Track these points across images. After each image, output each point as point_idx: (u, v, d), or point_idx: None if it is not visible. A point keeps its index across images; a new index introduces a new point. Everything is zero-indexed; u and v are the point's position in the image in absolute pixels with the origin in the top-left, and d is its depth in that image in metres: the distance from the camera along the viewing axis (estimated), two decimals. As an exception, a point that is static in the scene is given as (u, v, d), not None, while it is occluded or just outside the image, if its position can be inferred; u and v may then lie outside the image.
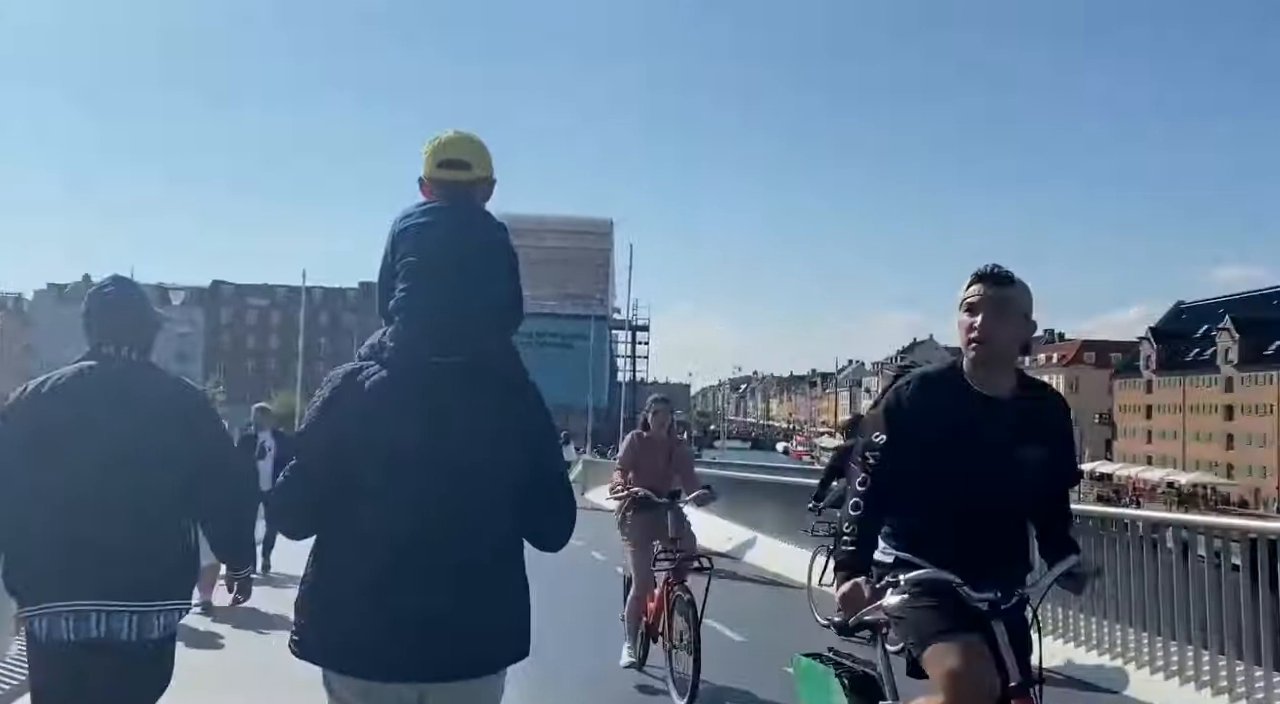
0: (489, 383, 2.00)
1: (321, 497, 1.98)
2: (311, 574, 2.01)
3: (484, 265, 2.06)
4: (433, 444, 1.93)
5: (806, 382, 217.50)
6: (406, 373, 1.96)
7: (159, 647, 2.68)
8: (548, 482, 2.08)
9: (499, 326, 2.08)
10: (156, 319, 2.91)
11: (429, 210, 2.09)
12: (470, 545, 1.95)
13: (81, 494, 2.59)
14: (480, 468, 1.96)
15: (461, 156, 2.15)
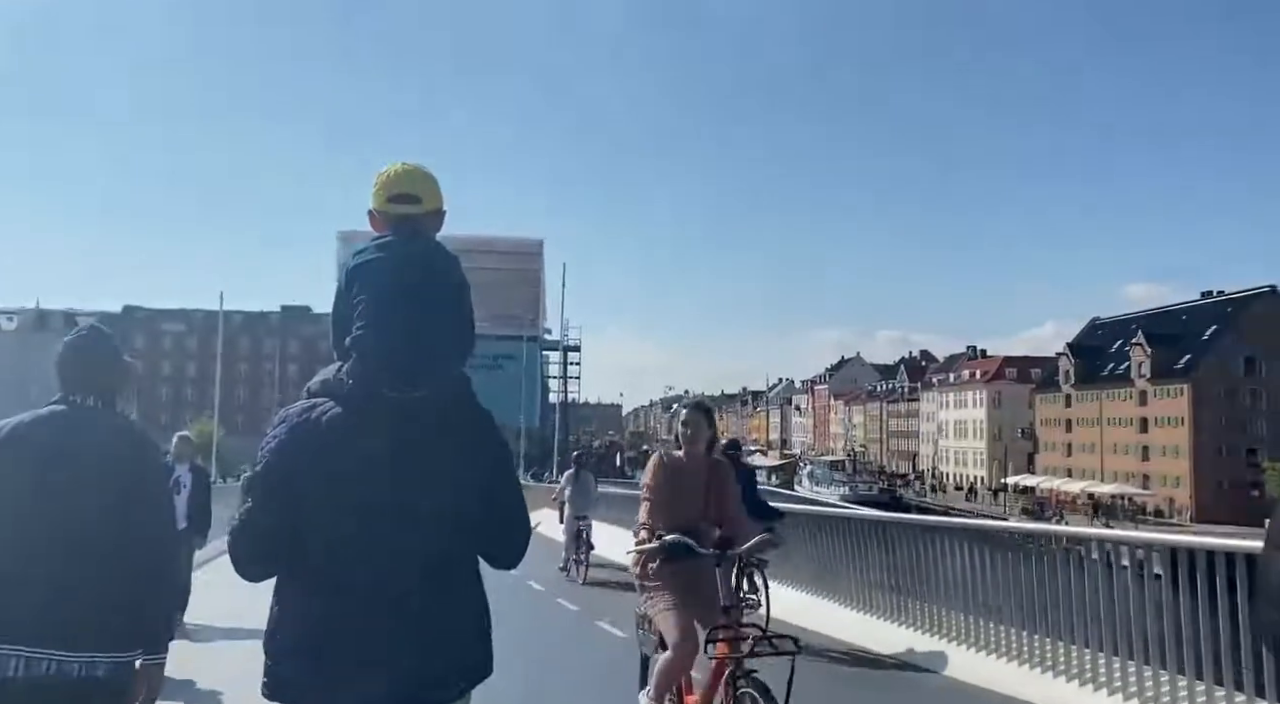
0: (447, 416, 2.02)
1: (278, 536, 1.97)
2: (276, 615, 2.01)
3: (438, 299, 2.08)
4: (392, 479, 1.94)
5: (738, 400, 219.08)
6: (363, 409, 1.96)
7: (111, 676, 2.59)
8: (504, 509, 2.11)
9: (455, 359, 2.10)
10: (125, 368, 2.96)
11: (382, 247, 2.10)
12: (428, 579, 1.97)
13: (29, 541, 2.56)
14: (440, 501, 1.98)
15: (411, 191, 2.17)
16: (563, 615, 10.44)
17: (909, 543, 8.35)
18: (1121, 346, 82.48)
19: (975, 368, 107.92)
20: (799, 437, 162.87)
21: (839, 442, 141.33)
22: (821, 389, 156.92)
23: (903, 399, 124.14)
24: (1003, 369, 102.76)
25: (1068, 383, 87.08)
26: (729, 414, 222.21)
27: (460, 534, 2.02)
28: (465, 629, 2.04)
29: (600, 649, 8.28)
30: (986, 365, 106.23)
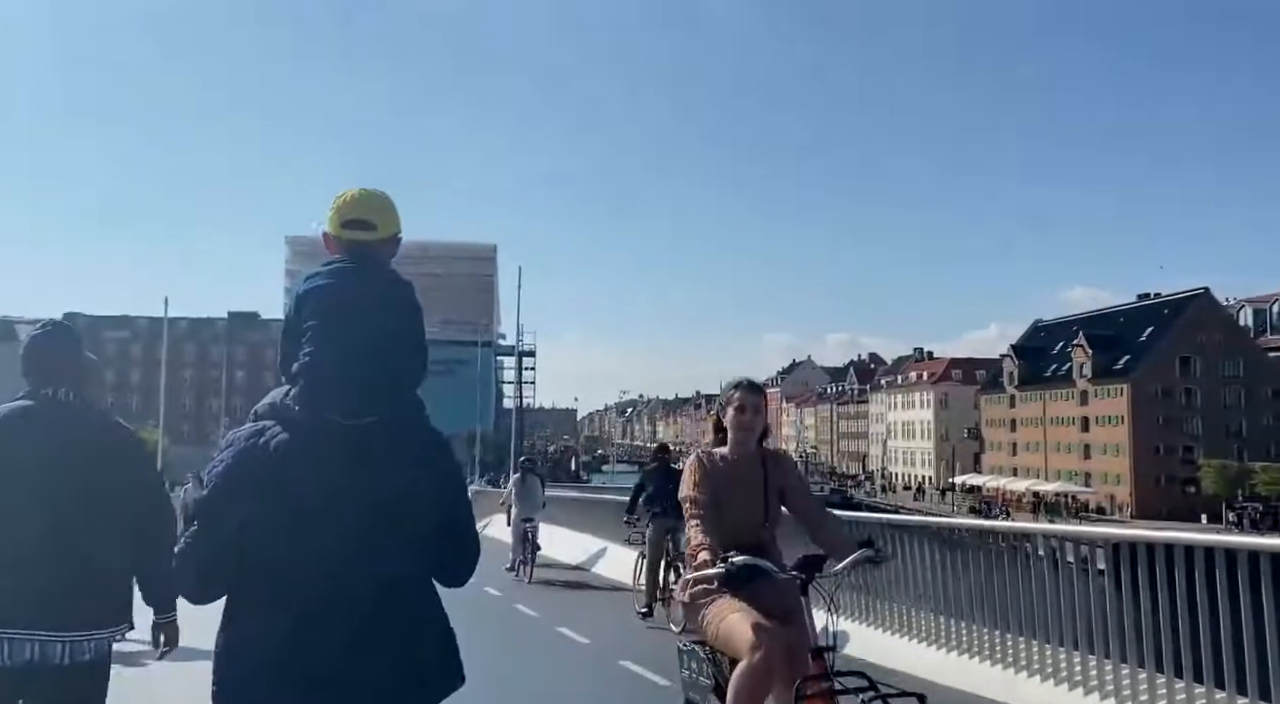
0: (398, 442, 2.02)
1: (226, 560, 1.97)
2: (224, 635, 2.01)
3: (389, 327, 2.07)
4: (342, 504, 1.95)
5: (691, 404, 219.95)
6: (311, 435, 1.97)
7: (92, 666, 2.84)
8: (456, 531, 2.13)
9: (406, 386, 2.10)
10: (89, 363, 3.07)
11: (334, 272, 2.09)
12: (382, 601, 1.97)
13: (15, 528, 2.71)
14: (387, 526, 1.98)
15: (366, 217, 2.16)
16: (520, 619, 10.53)
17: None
18: (1063, 348, 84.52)
19: (922, 370, 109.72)
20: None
21: (791, 444, 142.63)
22: (773, 392, 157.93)
23: (852, 401, 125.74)
24: (949, 371, 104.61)
25: (1012, 384, 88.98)
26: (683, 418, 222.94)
27: (414, 556, 2.03)
28: (424, 646, 2.04)
29: (558, 652, 8.39)
30: (933, 367, 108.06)
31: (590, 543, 15.63)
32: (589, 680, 7.20)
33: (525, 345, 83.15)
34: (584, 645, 8.50)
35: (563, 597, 12.02)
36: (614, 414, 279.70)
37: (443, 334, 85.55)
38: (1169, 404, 74.41)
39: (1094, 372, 78.35)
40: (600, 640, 8.46)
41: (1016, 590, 6.40)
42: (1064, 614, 5.88)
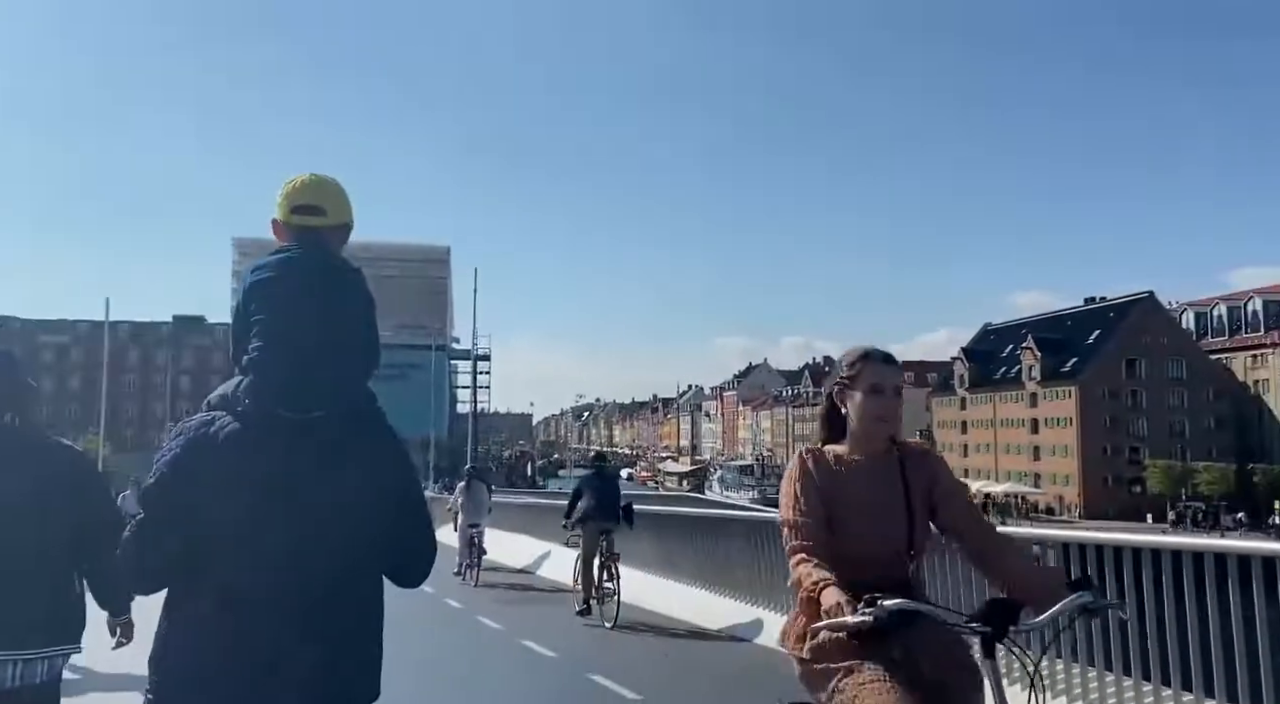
0: (349, 435, 1.98)
1: (172, 551, 1.94)
2: (165, 629, 1.96)
3: (339, 318, 2.02)
4: (291, 497, 1.92)
5: (648, 407, 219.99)
6: (261, 428, 1.93)
7: (43, 690, 2.89)
8: (410, 528, 2.09)
9: (358, 379, 2.05)
10: (29, 386, 3.16)
11: (283, 262, 2.04)
12: (328, 596, 1.93)
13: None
14: (337, 520, 1.94)
15: (316, 202, 2.11)
16: (448, 610, 10.98)
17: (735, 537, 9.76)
18: (1013, 351, 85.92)
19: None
20: (709, 442, 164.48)
21: (747, 447, 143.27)
22: (730, 395, 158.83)
23: (808, 404, 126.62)
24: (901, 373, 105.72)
25: (962, 386, 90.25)
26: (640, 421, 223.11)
27: (363, 552, 1.98)
28: (366, 647, 2.01)
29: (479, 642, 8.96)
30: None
31: (536, 547, 16.13)
32: (500, 664, 8.05)
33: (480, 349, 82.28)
34: (497, 631, 9.64)
35: (507, 596, 12.72)
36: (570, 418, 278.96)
37: (395, 338, 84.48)
38: (1115, 406, 75.96)
39: (1043, 374, 79.74)
40: (559, 648, 8.64)
41: (970, 593, 6.35)
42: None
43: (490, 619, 10.45)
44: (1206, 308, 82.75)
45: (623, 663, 7.78)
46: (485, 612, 10.96)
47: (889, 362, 2.82)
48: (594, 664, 7.62)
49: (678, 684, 7.43)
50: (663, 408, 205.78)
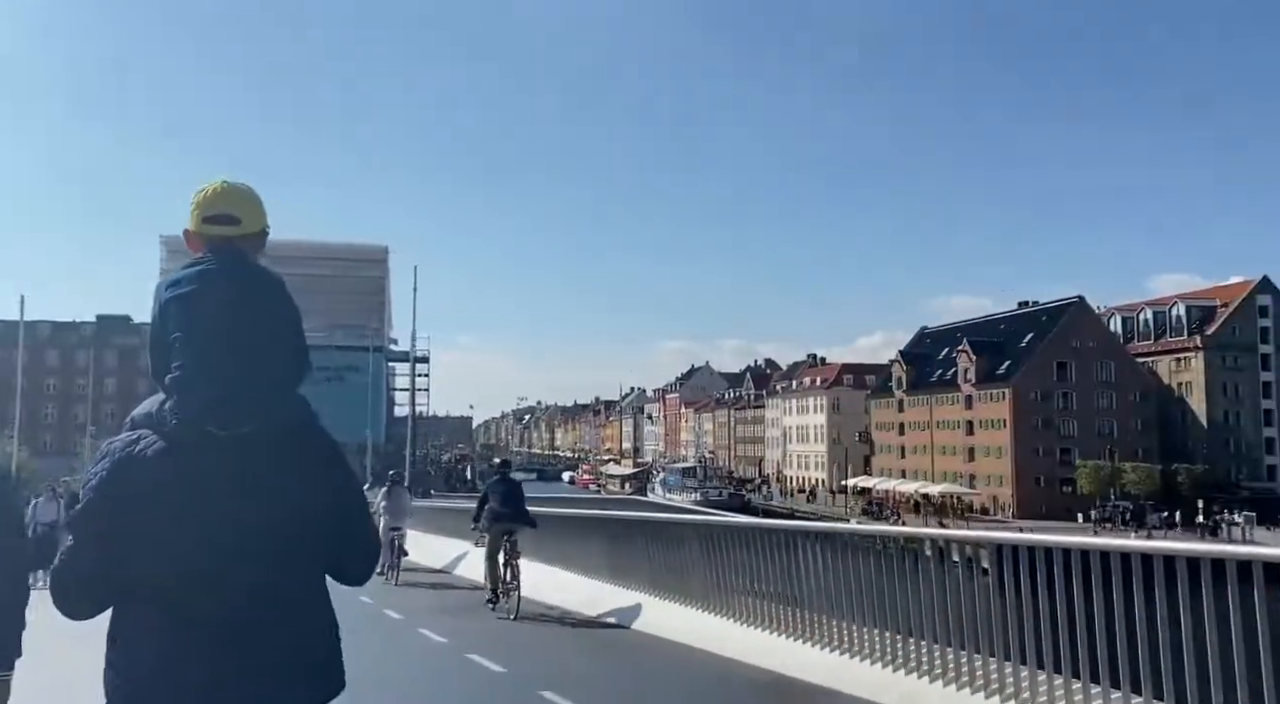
0: (279, 450, 1.97)
1: (104, 576, 1.92)
2: (110, 654, 1.96)
3: (262, 330, 1.99)
4: (225, 513, 1.91)
5: (590, 410, 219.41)
6: (190, 446, 1.91)
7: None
8: (352, 532, 2.10)
9: (287, 390, 2.03)
10: None
11: (198, 275, 1.99)
12: (267, 610, 1.94)
13: None
14: (279, 532, 1.95)
15: (229, 211, 2.06)
16: (385, 620, 11.20)
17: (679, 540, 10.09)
18: (948, 354, 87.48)
19: (816, 375, 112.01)
20: (651, 444, 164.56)
21: (690, 449, 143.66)
22: (672, 397, 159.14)
23: (749, 406, 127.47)
24: (841, 376, 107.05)
25: (900, 388, 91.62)
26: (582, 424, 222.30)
27: (303, 563, 2.00)
28: (313, 651, 2.02)
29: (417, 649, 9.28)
30: (826, 372, 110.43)
31: (454, 547, 16.93)
32: (396, 649, 8.99)
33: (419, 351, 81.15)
34: (397, 621, 10.82)
35: (417, 592, 14.02)
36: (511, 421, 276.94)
37: (331, 339, 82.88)
38: (1047, 408, 77.75)
39: (978, 377, 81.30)
40: (449, 635, 9.78)
41: (905, 592, 6.42)
42: (951, 614, 6.05)
43: (395, 611, 11.42)
44: (1133, 313, 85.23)
45: (503, 645, 9.06)
46: (393, 606, 11.84)
47: None
48: (474, 647, 8.68)
49: (539, 659, 8.76)
50: (605, 410, 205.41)
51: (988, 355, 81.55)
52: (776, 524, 9.78)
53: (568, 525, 13.32)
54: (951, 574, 6.06)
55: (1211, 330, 77.20)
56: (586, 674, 7.99)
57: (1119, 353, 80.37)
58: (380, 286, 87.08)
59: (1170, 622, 4.51)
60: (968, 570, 5.99)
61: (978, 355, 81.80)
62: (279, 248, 34.06)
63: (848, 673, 6.81)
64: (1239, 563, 4.25)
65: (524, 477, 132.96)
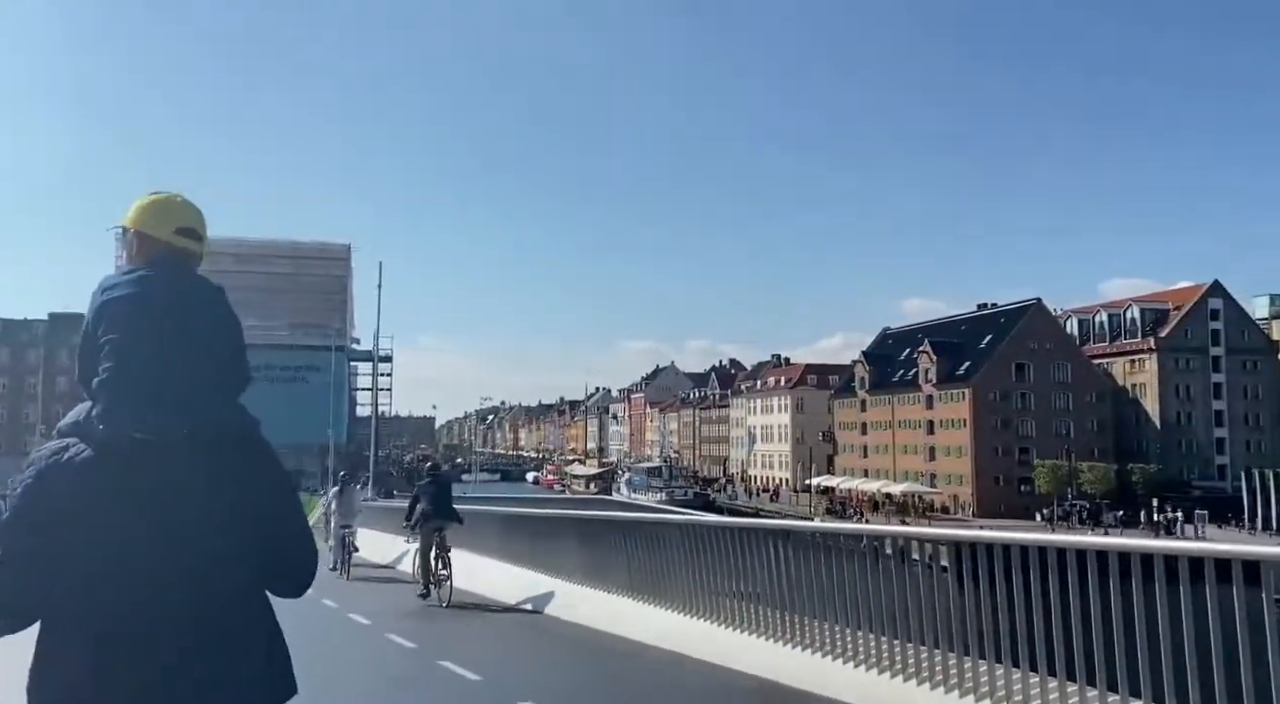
0: (209, 456, 1.95)
1: (33, 587, 1.88)
2: (36, 664, 1.93)
3: (200, 338, 2.00)
4: (150, 523, 1.90)
5: (555, 410, 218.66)
6: (117, 451, 1.89)
7: None
8: (286, 541, 2.09)
9: (220, 396, 2.02)
10: None
11: (138, 280, 1.99)
12: (199, 611, 1.92)
13: None
14: (203, 542, 1.93)
15: (197, 227, 2.12)
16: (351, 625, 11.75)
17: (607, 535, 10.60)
18: (910, 355, 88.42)
19: (780, 375, 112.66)
20: (616, 444, 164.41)
21: (655, 449, 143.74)
22: (638, 397, 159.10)
23: (714, 406, 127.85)
24: (805, 376, 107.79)
25: (863, 388, 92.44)
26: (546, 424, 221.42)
27: (238, 571, 1.98)
28: (250, 659, 1.99)
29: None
30: (790, 372, 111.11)
31: (400, 544, 17.52)
32: (326, 632, 9.69)
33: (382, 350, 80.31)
34: (333, 609, 11.43)
35: (360, 585, 15.06)
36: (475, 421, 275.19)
37: (292, 338, 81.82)
38: (1005, 408, 78.86)
39: (938, 377, 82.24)
40: (371, 617, 10.98)
41: (866, 588, 6.44)
42: (910, 608, 6.09)
43: (331, 600, 12.02)
44: (1089, 315, 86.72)
45: (419, 628, 10.27)
46: (329, 595, 12.38)
47: None
48: (393, 628, 9.76)
49: (454, 639, 9.84)
50: (570, 410, 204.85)
51: (948, 356, 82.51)
52: (703, 519, 10.22)
53: (510, 522, 14.28)
54: (912, 572, 6.17)
55: (1165, 333, 78.80)
56: (489, 650, 9.11)
57: (1075, 354, 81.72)
58: (342, 285, 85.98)
59: (1144, 617, 4.59)
60: (928, 568, 6.10)
61: (938, 356, 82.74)
62: (241, 246, 34.55)
63: (788, 662, 6.99)
64: (1200, 560, 4.38)
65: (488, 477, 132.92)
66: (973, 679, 5.52)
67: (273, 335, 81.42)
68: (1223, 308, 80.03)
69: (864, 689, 6.20)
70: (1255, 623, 4.03)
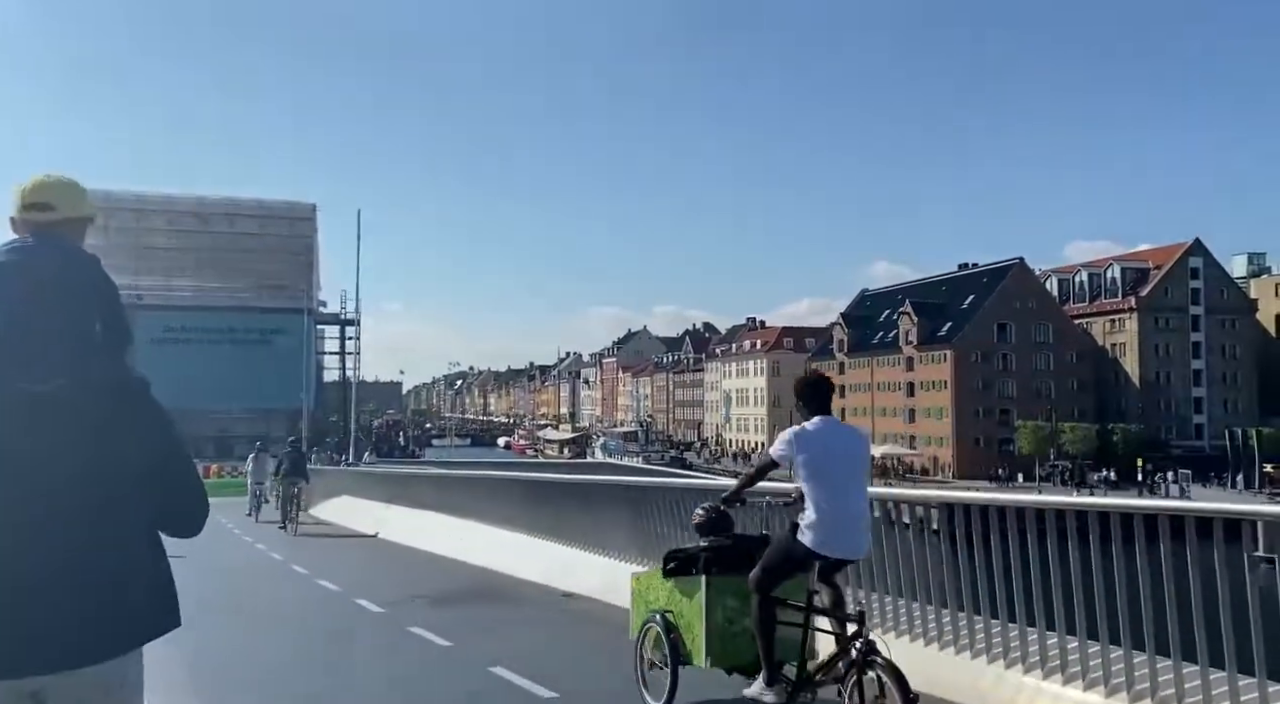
0: (89, 404, 2.12)
1: None
2: None
3: (74, 299, 2.19)
4: (33, 468, 2.05)
5: (525, 375, 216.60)
6: (7, 403, 2.06)
7: None
8: (171, 484, 2.26)
9: (99, 352, 2.20)
10: None
11: (14, 250, 2.22)
12: (83, 542, 2.08)
13: None
14: (85, 477, 2.09)
15: (45, 200, 2.31)
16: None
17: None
18: (889, 316, 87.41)
19: (755, 338, 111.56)
20: (588, 409, 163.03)
21: (628, 413, 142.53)
22: (610, 362, 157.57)
23: (688, 370, 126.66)
24: (781, 339, 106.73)
25: (841, 351, 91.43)
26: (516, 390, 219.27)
27: (122, 512, 2.14)
28: (129, 593, 2.13)
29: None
30: (766, 336, 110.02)
31: (343, 504, 21.99)
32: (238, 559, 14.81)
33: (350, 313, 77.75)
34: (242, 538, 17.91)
35: (273, 529, 19.53)
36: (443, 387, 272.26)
37: (257, 300, 78.95)
38: (987, 369, 78.21)
39: (919, 338, 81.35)
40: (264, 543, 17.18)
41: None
42: (901, 569, 6.21)
43: (235, 528, 18.97)
44: (1069, 274, 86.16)
45: (284, 545, 16.56)
46: (254, 536, 18.06)
47: None
48: (271, 547, 16.28)
49: (306, 553, 15.07)
50: (540, 375, 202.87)
51: (928, 317, 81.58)
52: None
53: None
54: (903, 535, 6.23)
55: (1145, 292, 78.38)
56: (324, 559, 14.25)
57: (1057, 314, 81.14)
58: (308, 245, 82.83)
59: (1124, 572, 4.77)
60: (919, 529, 6.22)
61: (919, 317, 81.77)
62: (203, 205, 31.74)
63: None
64: (1185, 518, 4.51)
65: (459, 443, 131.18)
66: (968, 635, 5.67)
67: (237, 297, 78.51)
68: (1203, 266, 79.69)
69: None
70: (1236, 580, 4.22)
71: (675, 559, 5.48)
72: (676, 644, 5.26)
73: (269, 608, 10.13)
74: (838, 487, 4.78)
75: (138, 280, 69.28)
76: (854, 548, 4.83)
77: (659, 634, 5.37)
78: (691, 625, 5.25)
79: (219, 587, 10.44)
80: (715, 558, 5.29)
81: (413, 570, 12.93)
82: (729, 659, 5.19)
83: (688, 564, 5.38)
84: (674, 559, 5.49)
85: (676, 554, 5.55)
